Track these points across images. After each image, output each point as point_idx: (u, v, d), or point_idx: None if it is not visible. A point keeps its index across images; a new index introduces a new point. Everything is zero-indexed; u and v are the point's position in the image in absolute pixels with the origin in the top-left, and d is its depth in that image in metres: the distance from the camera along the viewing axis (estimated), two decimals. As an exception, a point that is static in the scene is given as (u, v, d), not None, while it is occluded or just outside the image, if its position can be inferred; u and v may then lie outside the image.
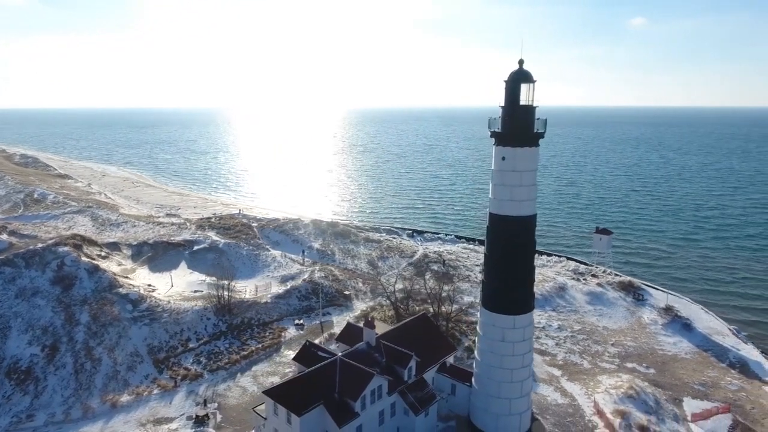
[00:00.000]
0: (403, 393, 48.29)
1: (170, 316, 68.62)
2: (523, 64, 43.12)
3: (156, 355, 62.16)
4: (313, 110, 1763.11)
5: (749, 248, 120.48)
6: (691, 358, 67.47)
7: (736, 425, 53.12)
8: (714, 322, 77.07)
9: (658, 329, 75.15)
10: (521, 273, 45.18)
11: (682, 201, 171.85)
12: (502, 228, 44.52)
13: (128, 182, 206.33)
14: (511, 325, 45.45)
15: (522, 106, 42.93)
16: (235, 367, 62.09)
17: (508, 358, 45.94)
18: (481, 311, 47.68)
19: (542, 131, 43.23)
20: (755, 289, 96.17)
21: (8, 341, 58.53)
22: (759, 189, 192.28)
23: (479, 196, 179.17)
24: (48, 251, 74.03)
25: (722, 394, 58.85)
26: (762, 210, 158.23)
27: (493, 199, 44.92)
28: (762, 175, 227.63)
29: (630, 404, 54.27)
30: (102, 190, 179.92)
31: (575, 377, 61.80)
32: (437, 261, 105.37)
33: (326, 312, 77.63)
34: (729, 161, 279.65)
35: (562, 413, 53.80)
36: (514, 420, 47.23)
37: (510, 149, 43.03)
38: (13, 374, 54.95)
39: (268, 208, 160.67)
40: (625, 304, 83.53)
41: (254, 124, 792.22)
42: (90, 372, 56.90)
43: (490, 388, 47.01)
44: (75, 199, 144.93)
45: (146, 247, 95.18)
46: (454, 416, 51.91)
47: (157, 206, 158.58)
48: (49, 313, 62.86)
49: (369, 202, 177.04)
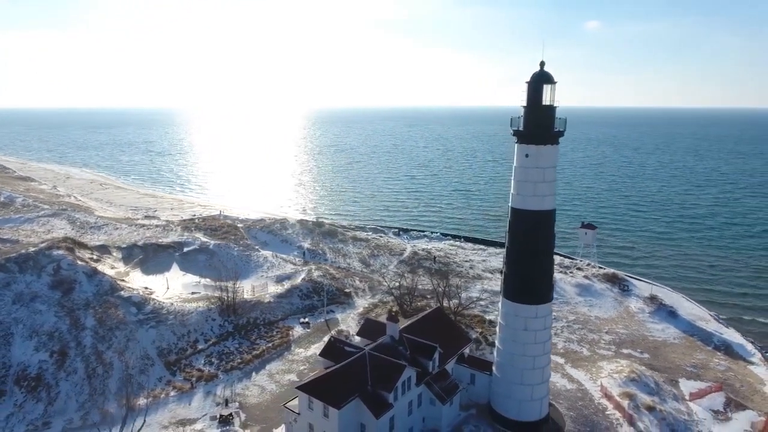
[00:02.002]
0: (428, 384, 49.85)
1: (176, 318, 67.69)
2: (544, 66, 45.46)
3: (166, 358, 61.33)
4: (275, 110, 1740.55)
5: (714, 239, 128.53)
6: (679, 343, 71.99)
7: (729, 402, 57.32)
8: (695, 309, 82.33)
9: (646, 317, 79.63)
10: (543, 265, 47.54)
11: (646, 198, 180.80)
12: (525, 222, 46.72)
13: (95, 184, 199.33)
14: (533, 315, 47.74)
15: (544, 105, 45.25)
16: (249, 366, 62.00)
17: (531, 345, 48.20)
18: (503, 302, 49.77)
19: (563, 130, 45.69)
20: (727, 277, 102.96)
21: (13, 348, 56.46)
22: (717, 186, 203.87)
23: (458, 197, 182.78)
24: (42, 255, 71.47)
25: (713, 375, 63.26)
26: (722, 206, 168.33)
27: (516, 195, 47.07)
28: (717, 173, 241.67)
29: (634, 387, 57.70)
30: (70, 192, 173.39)
31: (578, 364, 64.95)
32: (428, 258, 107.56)
33: (330, 310, 78.25)
34: (685, 160, 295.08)
35: (572, 398, 56.62)
36: (535, 405, 49.56)
37: (534, 147, 45.28)
38: (22, 381, 53.14)
39: (248, 209, 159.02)
40: (612, 294, 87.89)
41: (216, 124, 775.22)
42: (103, 376, 55.67)
43: (513, 375, 49.14)
44: (45, 202, 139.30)
45: (137, 249, 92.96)
46: (473, 405, 53.80)
47: (132, 208, 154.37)
48: (52, 318, 60.90)
49: (347, 203, 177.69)
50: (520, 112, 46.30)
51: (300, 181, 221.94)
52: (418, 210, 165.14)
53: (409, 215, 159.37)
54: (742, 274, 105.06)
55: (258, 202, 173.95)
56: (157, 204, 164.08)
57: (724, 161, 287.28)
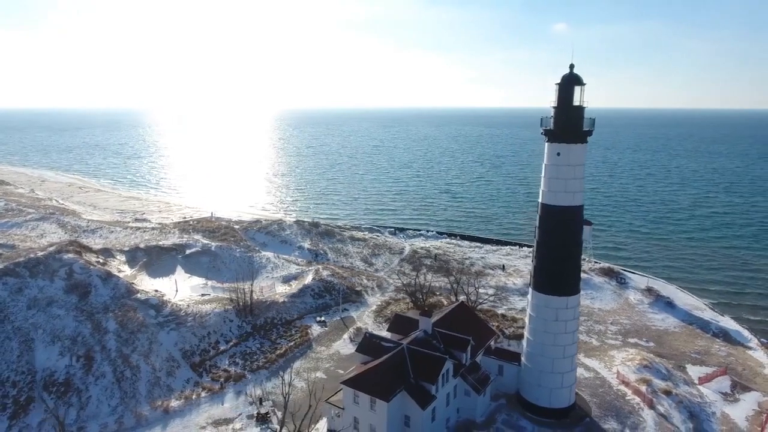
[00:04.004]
0: (463, 376, 51.50)
1: (194, 319, 67.40)
2: (574, 68, 47.70)
3: (191, 359, 61.13)
4: (245, 111, 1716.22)
5: (696, 232, 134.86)
6: (680, 331, 75.79)
7: (735, 385, 61.01)
8: (690, 299, 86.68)
9: (645, 308, 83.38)
10: (573, 257, 49.79)
11: (626, 195, 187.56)
12: (556, 217, 48.85)
13: (74, 188, 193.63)
14: (564, 306, 49.95)
15: (575, 106, 47.48)
16: (275, 365, 62.38)
17: (561, 335, 50.40)
18: (533, 294, 51.79)
19: (592, 129, 48.02)
20: (714, 268, 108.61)
21: (36, 353, 55.32)
22: (692, 184, 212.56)
23: (448, 198, 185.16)
24: (52, 259, 69.87)
25: (716, 360, 67.06)
26: (699, 203, 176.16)
27: (547, 192, 49.11)
28: (689, 171, 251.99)
29: (648, 373, 60.73)
30: (50, 196, 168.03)
31: (590, 353, 67.73)
32: (429, 256, 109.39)
33: (344, 308, 79.06)
34: (658, 159, 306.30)
35: (593, 385, 59.20)
36: (565, 392, 51.80)
37: (565, 145, 47.45)
38: (51, 387, 52.19)
39: (239, 211, 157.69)
40: (611, 287, 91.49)
41: (186, 125, 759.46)
42: (131, 380, 55.17)
43: (543, 364, 51.22)
44: (29, 206, 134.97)
45: (140, 252, 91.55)
46: (502, 395, 55.69)
47: (119, 211, 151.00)
48: (72, 323, 59.83)
49: (337, 203, 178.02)
50: (492, 114, 48.33)
51: (285, 182, 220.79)
52: (408, 211, 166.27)
53: (399, 215, 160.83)
54: (727, 263, 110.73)
55: (246, 204, 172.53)
56: (143, 207, 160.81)
57: (693, 160, 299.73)
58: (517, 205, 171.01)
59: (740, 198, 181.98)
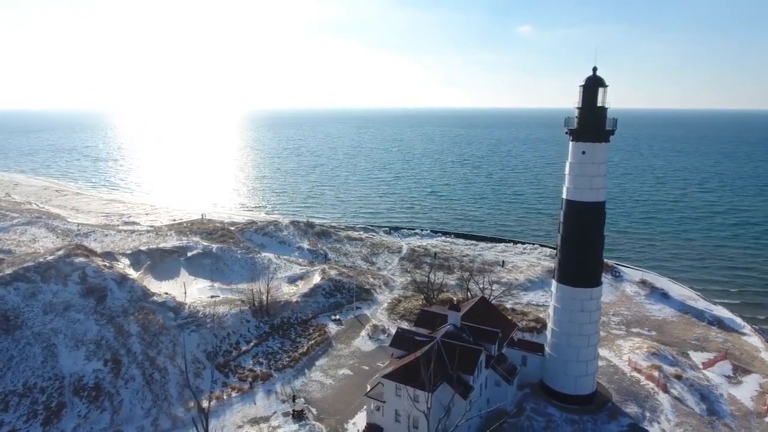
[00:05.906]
0: (494, 366, 53.38)
1: (213, 321, 67.19)
2: (597, 71, 50.23)
3: (215, 360, 61.05)
4: (213, 111, 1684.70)
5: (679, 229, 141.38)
6: (678, 321, 79.89)
7: (736, 368, 64.97)
8: (683, 290, 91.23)
9: (642, 299, 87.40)
10: (597, 251, 52.33)
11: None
12: (582, 213, 51.28)
13: (50, 191, 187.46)
14: (588, 297, 52.50)
15: (599, 107, 50.01)
16: (299, 364, 62.88)
17: (586, 325, 52.92)
18: (557, 287, 54.13)
19: (614, 128, 50.65)
20: (703, 257, 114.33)
21: (60, 359, 54.26)
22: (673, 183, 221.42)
23: (433, 198, 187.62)
24: (62, 263, 68.33)
25: (715, 346, 71.10)
26: (682, 201, 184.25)
27: (573, 189, 51.50)
28: (665, 170, 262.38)
29: (657, 360, 64.06)
30: (27, 199, 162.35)
31: (599, 343, 70.38)
32: (427, 255, 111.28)
33: (357, 306, 79.99)
34: (635, 158, 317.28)
35: (607, 373, 62.07)
36: (589, 380, 54.38)
37: (590, 144, 49.95)
38: (81, 392, 51.36)
39: (229, 212, 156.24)
40: (607, 280, 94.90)
41: (150, 127, 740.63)
42: (161, 382, 54.82)
43: (569, 354, 53.61)
44: (11, 210, 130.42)
45: (143, 255, 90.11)
46: (526, 384, 57.85)
47: (104, 215, 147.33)
48: (93, 327, 58.88)
49: (326, 204, 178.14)
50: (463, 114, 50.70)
51: (269, 184, 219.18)
52: (398, 212, 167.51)
53: (388, 216, 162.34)
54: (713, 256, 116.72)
55: (234, 205, 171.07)
56: (128, 209, 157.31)
57: (661, 158, 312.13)
58: (503, 204, 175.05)
59: (713, 195, 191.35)
